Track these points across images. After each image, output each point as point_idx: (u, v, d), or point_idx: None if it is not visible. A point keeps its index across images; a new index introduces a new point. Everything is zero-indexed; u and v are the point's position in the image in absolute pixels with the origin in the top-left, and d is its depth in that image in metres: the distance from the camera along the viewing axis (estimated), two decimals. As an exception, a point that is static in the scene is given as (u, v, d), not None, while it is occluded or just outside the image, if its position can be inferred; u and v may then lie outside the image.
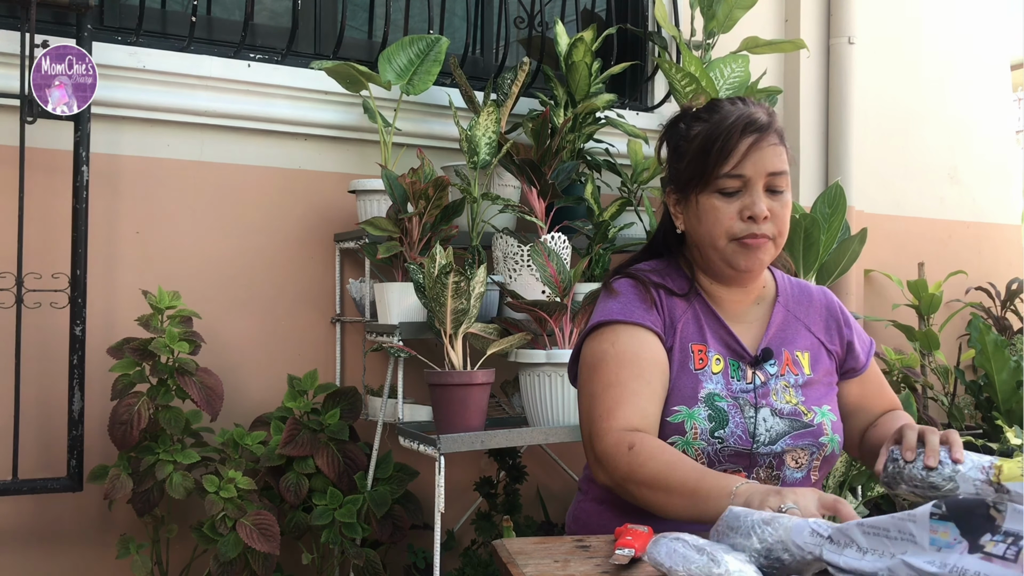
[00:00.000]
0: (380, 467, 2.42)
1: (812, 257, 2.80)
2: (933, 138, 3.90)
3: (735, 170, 1.42)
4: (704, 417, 1.42)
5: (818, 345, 1.55)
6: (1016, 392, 3.43)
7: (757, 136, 1.42)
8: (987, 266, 4.04)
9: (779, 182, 1.44)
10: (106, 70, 2.32)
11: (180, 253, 2.48)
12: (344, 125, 2.66)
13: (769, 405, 1.45)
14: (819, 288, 1.64)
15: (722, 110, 1.47)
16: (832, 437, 1.48)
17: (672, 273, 1.54)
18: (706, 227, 1.45)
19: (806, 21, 3.50)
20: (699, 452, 1.42)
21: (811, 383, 1.51)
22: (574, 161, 2.65)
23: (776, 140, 1.45)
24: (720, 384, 1.45)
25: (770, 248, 1.46)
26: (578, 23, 3.20)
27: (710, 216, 1.44)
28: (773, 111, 1.50)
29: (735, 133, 1.42)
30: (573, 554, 1.18)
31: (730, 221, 1.43)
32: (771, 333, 1.52)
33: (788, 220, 1.48)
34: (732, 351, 1.49)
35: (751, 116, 1.44)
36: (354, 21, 2.84)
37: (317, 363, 2.59)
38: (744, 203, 1.42)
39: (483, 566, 2.52)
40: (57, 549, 2.33)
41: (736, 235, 1.43)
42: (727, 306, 1.53)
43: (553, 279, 2.28)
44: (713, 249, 1.46)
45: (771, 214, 1.43)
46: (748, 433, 1.43)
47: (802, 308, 1.57)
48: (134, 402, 2.16)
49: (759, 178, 1.42)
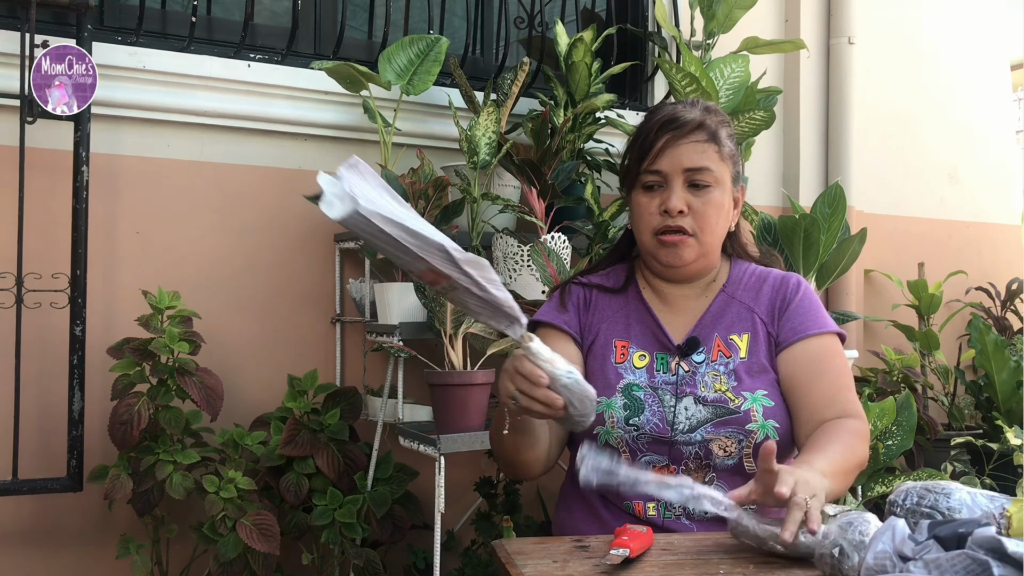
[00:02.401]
0: (380, 467, 2.42)
1: (812, 257, 2.80)
2: (933, 138, 3.90)
3: (652, 165, 1.50)
4: (620, 406, 1.47)
5: (760, 326, 1.53)
6: (1016, 392, 3.43)
7: (674, 133, 1.49)
8: (987, 266, 4.04)
9: (700, 178, 1.49)
10: (106, 70, 2.32)
11: (180, 253, 2.48)
12: (344, 125, 2.66)
13: (693, 394, 1.47)
14: (785, 273, 1.60)
15: (656, 111, 1.56)
16: (764, 423, 1.45)
17: (618, 272, 1.63)
18: (635, 222, 1.56)
19: (806, 21, 3.50)
20: (619, 440, 1.46)
21: (746, 367, 1.49)
22: (574, 161, 2.65)
23: (702, 137, 1.50)
24: (642, 377, 1.50)
25: (691, 244, 1.50)
26: (578, 23, 3.20)
27: (636, 211, 1.55)
28: (714, 110, 1.54)
29: (653, 130, 1.51)
30: (572, 554, 1.18)
31: (651, 216, 1.51)
32: (704, 321, 1.54)
33: (712, 217, 1.50)
34: (659, 344, 1.53)
35: (674, 114, 1.51)
36: (354, 21, 2.84)
37: (317, 363, 2.59)
38: (663, 198, 1.50)
39: (483, 566, 2.52)
40: (57, 549, 2.33)
41: (656, 229, 1.51)
42: (670, 300, 1.58)
43: (553, 279, 2.28)
44: (642, 244, 1.55)
45: (690, 209, 1.49)
46: (666, 421, 1.45)
47: (750, 293, 1.57)
48: (134, 402, 2.16)
49: (676, 174, 1.49)
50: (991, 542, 0.86)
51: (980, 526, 0.91)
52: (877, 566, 0.93)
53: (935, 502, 1.16)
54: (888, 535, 0.94)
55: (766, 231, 2.88)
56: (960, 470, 3.32)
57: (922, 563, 0.89)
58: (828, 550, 1.05)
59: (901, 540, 0.93)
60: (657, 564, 1.14)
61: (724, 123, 1.54)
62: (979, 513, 1.13)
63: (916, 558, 0.91)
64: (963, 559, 0.86)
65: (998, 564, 0.84)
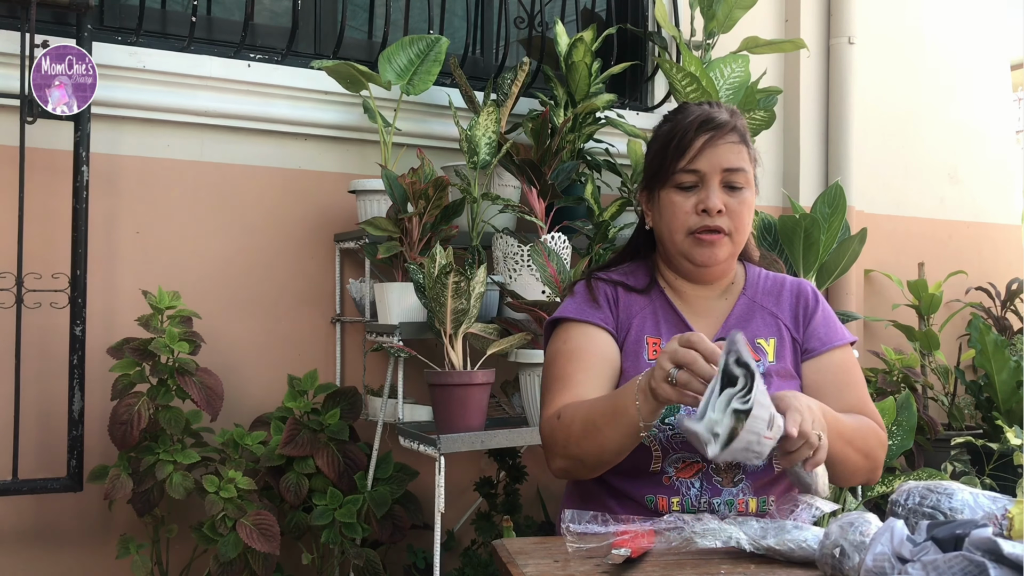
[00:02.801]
0: (380, 467, 2.42)
1: (812, 257, 2.80)
2: (933, 138, 3.90)
3: (690, 165, 1.49)
4: None
5: (785, 333, 1.56)
6: (1016, 392, 3.43)
7: (713, 133, 1.49)
8: (987, 266, 4.04)
9: (736, 179, 1.50)
10: (106, 70, 2.32)
11: (180, 253, 2.48)
12: (344, 125, 2.66)
13: None
14: (797, 279, 1.64)
15: (686, 110, 1.55)
16: None
17: (637, 271, 1.61)
18: (666, 221, 1.53)
19: (806, 21, 3.50)
20: (652, 440, 1.45)
21: (776, 371, 1.51)
22: (574, 161, 2.65)
23: (735, 139, 1.51)
24: None
25: (726, 244, 1.51)
26: (578, 23, 3.20)
27: (669, 211, 1.52)
28: (738, 113, 1.56)
29: (691, 130, 1.50)
30: (573, 554, 1.18)
31: (686, 215, 1.50)
32: (729, 323, 1.55)
33: (746, 217, 1.52)
34: None
35: (709, 115, 1.51)
36: (354, 21, 2.84)
37: (317, 363, 2.59)
38: (700, 197, 1.49)
39: (483, 566, 2.52)
40: (57, 549, 2.33)
41: (692, 228, 1.49)
42: (692, 301, 1.57)
43: (553, 279, 2.28)
44: (672, 244, 1.53)
45: (727, 209, 1.49)
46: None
47: (771, 298, 1.59)
48: (134, 402, 2.16)
49: (714, 174, 1.49)
50: (988, 543, 0.86)
51: (977, 527, 0.91)
52: (876, 568, 0.93)
53: (937, 502, 1.16)
54: (887, 537, 0.94)
55: (766, 231, 2.88)
56: (960, 470, 3.32)
57: (920, 565, 0.89)
58: (829, 550, 1.05)
59: (899, 542, 0.93)
60: (658, 564, 1.14)
61: (747, 126, 1.57)
62: (981, 514, 1.13)
63: (914, 560, 0.91)
64: (960, 561, 0.86)
65: (995, 566, 0.84)
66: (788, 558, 1.14)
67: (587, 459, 1.39)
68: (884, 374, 3.25)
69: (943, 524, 0.95)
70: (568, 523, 1.21)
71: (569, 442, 1.39)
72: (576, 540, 1.18)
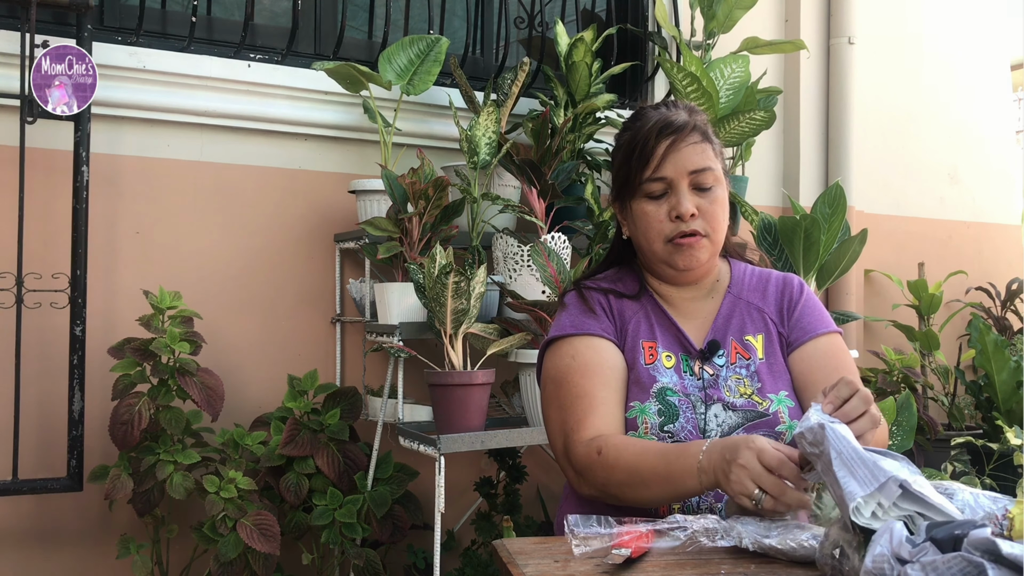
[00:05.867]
0: (380, 467, 2.42)
1: (812, 257, 2.80)
2: (933, 138, 3.90)
3: (656, 173, 1.48)
4: (654, 412, 1.46)
5: (772, 327, 1.55)
6: (1016, 392, 3.43)
7: (674, 137, 1.48)
8: (987, 266, 4.04)
9: (703, 179, 1.48)
10: (106, 70, 2.32)
11: (180, 253, 2.49)
12: (344, 125, 2.66)
13: (720, 400, 1.47)
14: (783, 274, 1.63)
15: (644, 116, 1.54)
16: (791, 424, 1.46)
17: (625, 277, 1.61)
18: (642, 231, 1.52)
19: (806, 21, 3.50)
20: None
21: (767, 368, 1.50)
22: (574, 161, 2.65)
23: (697, 138, 1.49)
24: (674, 378, 1.48)
25: (705, 245, 1.50)
26: (578, 23, 3.19)
27: (643, 221, 1.51)
28: (696, 109, 1.55)
29: (651, 137, 1.48)
30: (573, 554, 1.18)
31: (660, 224, 1.49)
32: (717, 324, 1.54)
33: (720, 215, 1.51)
34: (682, 347, 1.52)
35: (667, 119, 1.50)
36: (354, 21, 2.84)
37: (317, 363, 2.59)
38: (671, 204, 1.48)
39: (483, 566, 2.52)
40: (57, 549, 2.33)
41: (668, 236, 1.49)
42: (678, 304, 1.57)
43: (553, 279, 2.28)
44: (652, 252, 1.52)
45: (700, 211, 1.48)
46: (698, 429, 1.45)
47: (757, 293, 1.58)
48: (135, 402, 2.16)
49: (681, 178, 1.48)
50: (986, 544, 0.86)
51: (976, 527, 0.91)
52: (875, 569, 0.93)
53: None
54: (886, 538, 0.94)
55: (766, 231, 2.88)
56: (960, 470, 3.32)
57: (919, 566, 0.89)
58: (829, 550, 1.05)
59: (899, 543, 0.93)
60: (658, 564, 1.14)
61: (707, 120, 1.56)
62: (981, 514, 1.13)
63: (913, 560, 0.91)
64: (959, 561, 0.86)
65: (993, 566, 0.84)
66: (789, 558, 1.14)
67: (624, 500, 1.37)
68: (884, 374, 3.24)
69: (942, 525, 0.95)
70: (572, 526, 1.21)
71: (609, 483, 1.37)
72: (582, 542, 1.18)
